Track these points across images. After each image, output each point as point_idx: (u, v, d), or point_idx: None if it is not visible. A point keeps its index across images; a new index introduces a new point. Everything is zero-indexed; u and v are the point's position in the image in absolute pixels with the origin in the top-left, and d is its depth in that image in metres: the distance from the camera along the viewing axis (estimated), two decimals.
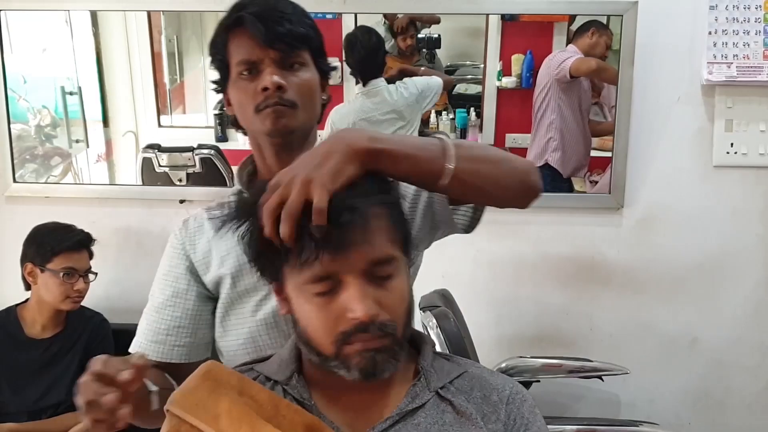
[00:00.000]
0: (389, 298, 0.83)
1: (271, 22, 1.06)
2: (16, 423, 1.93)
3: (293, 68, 1.09)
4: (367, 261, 0.82)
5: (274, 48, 1.07)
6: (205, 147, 2.32)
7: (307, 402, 0.88)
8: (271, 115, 1.08)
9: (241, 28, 1.08)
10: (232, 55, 1.10)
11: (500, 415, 0.90)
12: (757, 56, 2.06)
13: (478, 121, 2.42)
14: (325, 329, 0.83)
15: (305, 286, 0.83)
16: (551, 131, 2.32)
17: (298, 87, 1.09)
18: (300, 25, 1.09)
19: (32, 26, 2.24)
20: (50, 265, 1.94)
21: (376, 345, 0.82)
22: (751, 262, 2.20)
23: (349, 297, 0.81)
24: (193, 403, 0.81)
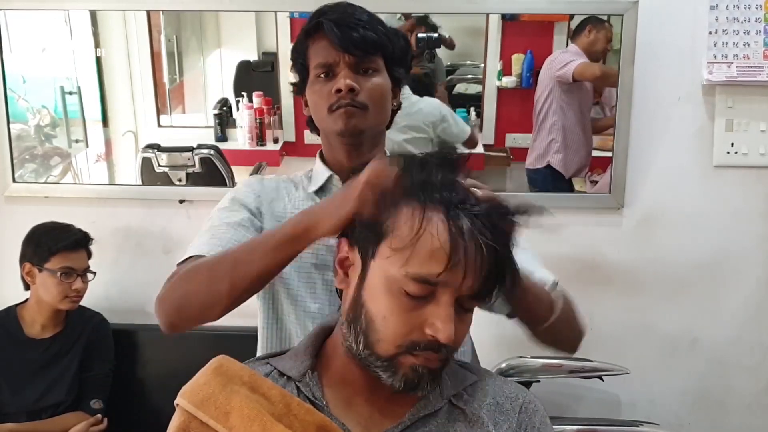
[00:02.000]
0: (461, 329, 0.83)
1: (347, 28, 1.14)
2: (15, 423, 1.93)
3: (367, 73, 1.16)
4: (472, 290, 0.80)
5: (349, 52, 1.14)
6: (205, 147, 2.32)
7: (319, 402, 0.87)
8: (342, 116, 1.14)
9: (320, 34, 1.16)
10: (311, 59, 1.18)
11: (512, 424, 0.89)
12: (758, 56, 2.06)
13: (478, 121, 2.41)
14: (398, 331, 0.81)
15: (403, 280, 0.79)
16: (553, 133, 2.32)
17: (369, 91, 1.16)
18: (374, 32, 1.16)
19: (32, 26, 2.24)
20: (48, 264, 1.93)
21: (434, 365, 0.82)
22: (751, 262, 2.20)
23: (438, 313, 0.79)
24: (203, 399, 0.80)
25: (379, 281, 0.82)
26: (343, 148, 1.19)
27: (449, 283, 0.79)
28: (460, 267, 0.78)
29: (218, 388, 0.81)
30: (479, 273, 0.80)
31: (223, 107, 2.43)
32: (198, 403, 0.80)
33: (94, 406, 2.00)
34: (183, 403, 0.81)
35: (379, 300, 0.82)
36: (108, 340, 2.10)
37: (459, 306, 0.81)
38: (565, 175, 2.33)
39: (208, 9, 2.19)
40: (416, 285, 0.79)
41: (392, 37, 1.20)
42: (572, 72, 2.25)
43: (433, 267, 0.78)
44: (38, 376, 1.98)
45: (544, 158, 2.33)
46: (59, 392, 1.98)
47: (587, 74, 2.29)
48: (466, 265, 0.78)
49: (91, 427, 1.98)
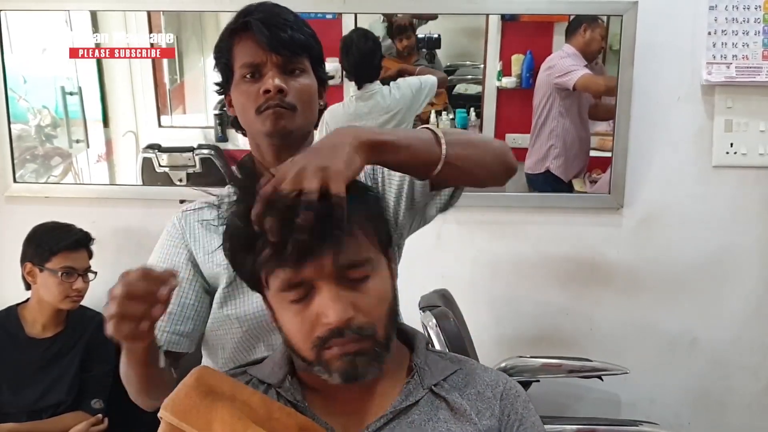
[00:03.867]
0: (365, 300, 0.83)
1: (276, 29, 1.12)
2: (16, 423, 1.93)
3: (294, 74, 1.14)
4: (338, 265, 0.81)
5: (278, 53, 1.12)
6: (205, 147, 2.32)
7: (301, 404, 0.88)
8: (271, 117, 1.12)
9: (247, 33, 1.13)
10: (237, 58, 1.15)
11: (494, 411, 0.90)
12: (757, 56, 2.07)
13: (478, 121, 2.41)
14: (303, 335, 0.83)
15: (280, 294, 0.83)
16: (552, 138, 2.31)
17: (297, 91, 1.14)
18: (301, 33, 1.14)
19: (32, 26, 2.24)
20: (49, 264, 1.94)
21: (353, 348, 0.82)
22: (751, 262, 2.20)
23: (321, 302, 0.81)
24: (185, 410, 0.82)
25: (275, 303, 0.86)
26: (271, 149, 1.17)
27: (314, 274, 0.81)
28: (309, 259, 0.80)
29: (199, 398, 0.82)
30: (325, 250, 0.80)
31: (223, 107, 2.41)
32: (181, 415, 0.81)
33: (94, 405, 2.00)
34: (166, 415, 0.82)
35: (281, 317, 0.86)
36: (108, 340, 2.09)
37: (347, 280, 0.82)
38: (564, 180, 2.33)
39: (208, 9, 2.19)
40: (291, 291, 0.82)
41: (316, 37, 1.19)
42: (574, 83, 2.23)
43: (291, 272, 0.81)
44: (39, 376, 1.98)
45: (543, 163, 2.32)
46: (60, 392, 1.98)
47: (591, 88, 2.27)
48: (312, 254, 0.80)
49: (91, 427, 1.98)
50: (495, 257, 2.24)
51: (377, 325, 0.84)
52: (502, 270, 2.25)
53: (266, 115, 1.12)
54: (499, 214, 2.21)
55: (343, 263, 0.81)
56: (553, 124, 2.30)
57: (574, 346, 2.24)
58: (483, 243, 2.21)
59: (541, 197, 2.29)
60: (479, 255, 2.22)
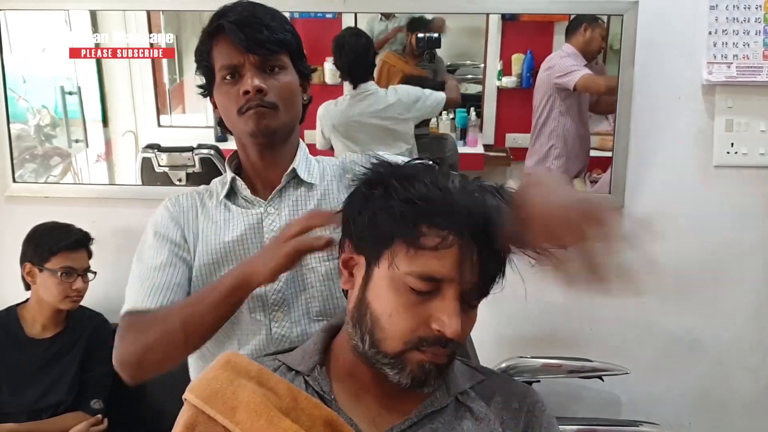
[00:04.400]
0: (468, 324, 0.85)
1: (250, 29, 1.12)
2: (16, 423, 1.93)
3: (273, 72, 1.16)
4: (476, 285, 0.82)
5: (254, 53, 1.13)
6: (205, 147, 2.32)
7: (327, 396, 0.88)
8: (253, 117, 1.14)
9: (223, 35, 1.15)
10: (216, 61, 1.17)
11: (519, 423, 0.90)
12: (757, 56, 2.06)
13: (478, 121, 2.41)
14: (404, 328, 0.81)
15: (407, 278, 0.80)
16: (553, 139, 2.30)
17: (278, 89, 1.15)
18: (278, 30, 1.15)
19: (32, 26, 2.24)
20: (48, 264, 1.93)
21: (441, 361, 0.83)
22: (751, 262, 2.20)
23: (444, 309, 0.80)
24: (211, 394, 0.81)
25: (384, 280, 0.82)
26: (256, 148, 1.19)
27: (454, 279, 0.80)
28: (466, 263, 0.79)
29: (226, 383, 0.82)
30: (482, 269, 0.81)
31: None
32: (206, 398, 0.81)
33: (94, 406, 2.00)
34: (191, 398, 0.81)
35: (385, 298, 0.82)
36: (109, 340, 2.09)
37: (463, 302, 0.82)
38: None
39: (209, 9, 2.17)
40: (422, 282, 0.80)
41: (295, 32, 1.20)
42: (575, 83, 2.23)
43: (438, 264, 0.79)
44: (38, 376, 1.98)
45: (543, 163, 2.32)
46: (59, 392, 1.98)
47: (592, 89, 2.27)
48: (470, 262, 0.80)
49: (91, 427, 1.97)
50: None
51: (462, 347, 0.88)
52: None
53: (248, 115, 1.14)
54: None
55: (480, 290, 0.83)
56: (553, 124, 2.29)
57: (574, 346, 2.24)
58: None
59: None
60: None
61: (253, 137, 1.16)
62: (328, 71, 2.33)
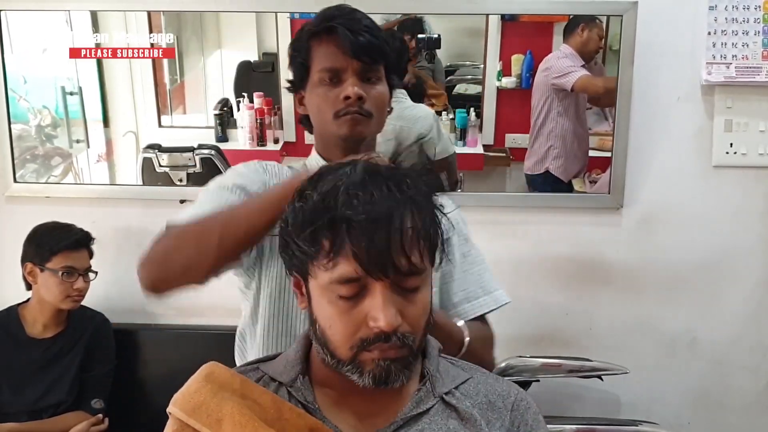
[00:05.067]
0: (412, 310, 0.83)
1: (358, 35, 1.14)
2: (16, 423, 1.93)
3: (370, 81, 1.18)
4: (399, 272, 0.80)
5: (359, 59, 1.15)
6: (206, 147, 2.32)
7: (311, 405, 0.88)
8: (349, 122, 1.16)
9: (329, 37, 1.16)
10: (315, 61, 1.18)
11: (504, 422, 0.90)
12: (756, 56, 2.06)
13: (477, 121, 2.41)
14: (345, 334, 0.82)
15: (331, 286, 0.81)
16: (551, 139, 2.30)
17: (374, 99, 1.18)
18: (378, 39, 1.17)
19: (32, 26, 2.24)
20: (50, 264, 1.94)
21: (393, 355, 0.82)
22: (751, 262, 2.20)
23: (373, 304, 0.80)
24: (195, 407, 0.81)
25: (319, 294, 0.84)
26: (342, 151, 1.19)
27: (368, 274, 0.79)
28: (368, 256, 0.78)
29: (209, 395, 0.82)
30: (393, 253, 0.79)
31: (223, 107, 2.43)
32: (190, 411, 0.81)
33: (95, 405, 2.01)
34: (175, 411, 0.82)
35: (323, 310, 0.83)
36: (109, 340, 2.10)
37: (400, 288, 0.81)
38: (564, 180, 2.33)
39: (209, 9, 2.19)
40: (344, 287, 0.80)
41: (391, 44, 1.22)
42: (572, 84, 2.23)
43: (350, 266, 0.79)
44: (39, 376, 1.98)
45: (542, 164, 2.32)
46: (60, 392, 1.98)
47: (590, 90, 2.27)
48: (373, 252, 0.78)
49: (91, 427, 1.98)
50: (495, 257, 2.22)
51: (417, 336, 0.84)
52: (502, 270, 2.23)
53: (344, 120, 1.15)
54: (499, 214, 2.20)
55: (405, 270, 0.80)
56: (552, 125, 2.29)
57: (574, 346, 2.24)
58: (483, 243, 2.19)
59: (541, 197, 2.29)
60: None
61: (344, 142, 1.17)
62: None
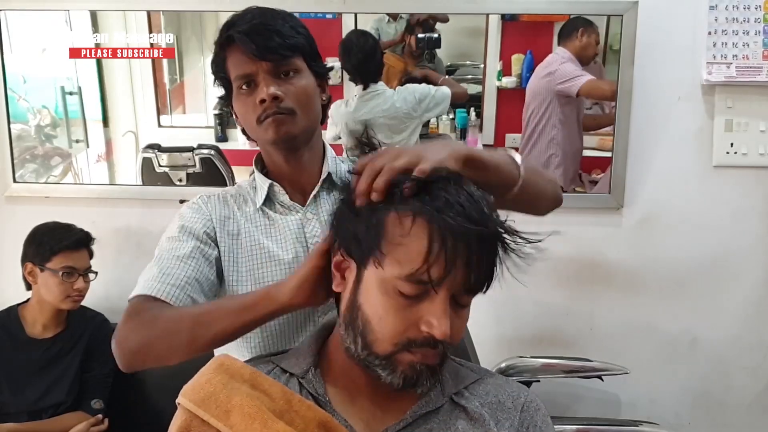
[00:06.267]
0: (458, 324, 0.84)
1: (260, 37, 1.12)
2: (16, 423, 1.93)
3: (288, 76, 1.15)
4: (465, 286, 0.82)
5: (266, 60, 1.12)
6: (205, 147, 2.32)
7: (322, 398, 0.88)
8: (272, 125, 1.13)
9: (235, 45, 1.15)
10: (231, 71, 1.17)
11: (514, 422, 0.90)
12: (757, 56, 2.06)
13: (478, 121, 2.41)
14: (394, 329, 0.81)
15: (397, 281, 0.80)
16: (552, 147, 2.28)
17: (294, 94, 1.14)
18: (289, 34, 1.14)
19: (32, 26, 2.24)
20: (50, 264, 1.94)
21: (432, 361, 0.83)
22: (751, 262, 2.20)
23: (433, 310, 0.80)
24: (204, 397, 0.81)
25: (374, 283, 0.83)
26: (280, 154, 1.19)
27: (442, 280, 0.80)
28: (451, 265, 0.79)
29: (219, 386, 0.82)
30: (470, 269, 0.81)
31: (222, 108, 2.43)
32: (199, 402, 0.80)
33: (94, 406, 2.01)
34: (184, 402, 0.81)
35: (375, 301, 0.82)
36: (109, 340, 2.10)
37: (454, 302, 0.82)
38: (565, 188, 2.30)
39: (208, 9, 2.19)
40: (410, 285, 0.80)
41: (308, 34, 1.19)
42: (578, 89, 2.21)
43: (424, 268, 0.79)
44: (39, 376, 1.98)
45: None
46: (60, 392, 1.98)
47: (596, 94, 2.25)
48: (456, 263, 0.79)
49: (91, 428, 1.97)
50: None
51: (455, 347, 0.86)
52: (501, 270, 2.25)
53: (267, 123, 1.13)
54: None
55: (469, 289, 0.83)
56: (553, 132, 2.27)
57: (574, 346, 2.24)
58: None
59: None
60: None
61: (275, 145, 1.16)
62: None
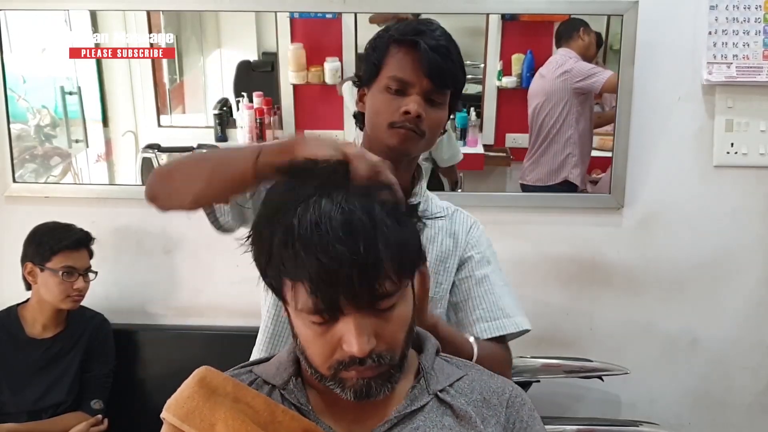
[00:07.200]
0: (389, 328, 0.80)
1: (439, 57, 1.15)
2: (16, 423, 1.93)
3: (434, 103, 1.19)
4: (370, 298, 0.77)
5: (430, 80, 1.16)
6: (205, 147, 2.32)
7: (305, 407, 0.88)
8: (401, 136, 1.17)
9: (408, 49, 1.17)
10: (389, 65, 1.19)
11: (500, 419, 0.89)
12: (757, 56, 2.06)
13: (478, 121, 2.41)
14: (321, 355, 0.81)
15: (302, 314, 0.80)
16: (569, 147, 2.26)
17: (432, 121, 1.19)
18: (455, 65, 1.18)
19: (32, 26, 2.24)
20: (50, 264, 1.94)
21: (371, 374, 0.81)
22: (751, 262, 2.20)
23: (346, 330, 0.77)
24: (188, 412, 0.81)
25: (293, 315, 0.83)
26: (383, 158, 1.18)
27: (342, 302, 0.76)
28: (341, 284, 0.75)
29: (202, 400, 0.82)
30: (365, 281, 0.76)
31: (223, 107, 2.43)
32: (183, 417, 0.81)
33: (94, 406, 2.01)
34: (168, 417, 0.82)
35: (301, 331, 0.83)
36: (109, 340, 2.10)
37: (373, 309, 0.78)
38: (581, 186, 2.28)
39: (208, 9, 2.19)
40: (314, 316, 0.78)
41: (464, 70, 1.23)
42: (602, 85, 2.19)
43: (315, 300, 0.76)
44: (39, 376, 1.98)
45: (558, 174, 2.27)
46: (60, 392, 1.98)
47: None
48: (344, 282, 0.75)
49: (91, 428, 1.98)
50: None
51: (396, 351, 0.82)
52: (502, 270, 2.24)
53: (397, 132, 1.17)
54: (499, 214, 2.20)
55: (376, 295, 0.77)
56: (570, 131, 2.25)
57: (574, 346, 2.24)
58: None
59: (541, 197, 2.29)
60: None
61: (391, 152, 1.17)
62: (328, 71, 2.33)
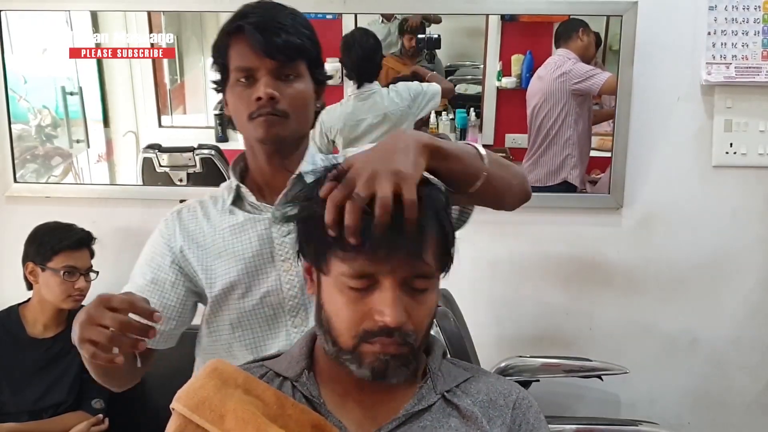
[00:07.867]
0: (418, 310, 0.85)
1: (270, 33, 1.10)
2: (16, 423, 1.93)
3: (288, 79, 1.14)
4: (411, 272, 0.83)
5: (271, 58, 1.11)
6: (206, 147, 2.32)
7: (316, 400, 0.89)
8: (263, 124, 1.12)
9: (242, 35, 1.12)
10: (232, 60, 1.15)
11: (506, 420, 0.90)
12: (756, 57, 2.07)
13: (477, 122, 2.42)
14: (350, 323, 0.83)
15: (343, 278, 0.83)
16: (568, 148, 2.26)
17: (291, 98, 1.13)
18: (298, 36, 1.13)
19: (32, 26, 2.25)
20: (51, 264, 1.94)
21: (394, 351, 0.83)
22: (750, 262, 2.20)
23: (382, 299, 0.82)
24: (198, 402, 0.81)
25: (331, 283, 0.85)
26: (264, 154, 1.18)
27: (385, 271, 0.81)
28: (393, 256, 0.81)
29: (213, 391, 0.82)
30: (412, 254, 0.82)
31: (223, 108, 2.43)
32: (193, 407, 0.81)
33: (95, 405, 2.01)
34: (178, 407, 0.82)
35: (332, 299, 0.85)
36: None
37: (410, 288, 0.83)
38: (580, 187, 2.29)
39: (209, 9, 2.19)
40: (356, 280, 0.82)
41: (315, 38, 1.18)
42: (600, 86, 2.19)
43: (367, 263, 0.81)
44: (40, 376, 1.98)
45: (557, 175, 2.27)
46: (60, 392, 1.98)
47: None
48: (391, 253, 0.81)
49: (92, 427, 1.98)
50: (495, 257, 2.24)
51: (419, 335, 0.85)
52: (502, 270, 2.25)
53: (258, 122, 1.12)
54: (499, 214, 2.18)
55: (417, 272, 0.83)
56: (569, 132, 2.26)
57: (574, 346, 2.25)
58: (483, 243, 2.21)
59: (541, 197, 2.28)
60: (479, 255, 2.22)
61: (262, 143, 1.16)
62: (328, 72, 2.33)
